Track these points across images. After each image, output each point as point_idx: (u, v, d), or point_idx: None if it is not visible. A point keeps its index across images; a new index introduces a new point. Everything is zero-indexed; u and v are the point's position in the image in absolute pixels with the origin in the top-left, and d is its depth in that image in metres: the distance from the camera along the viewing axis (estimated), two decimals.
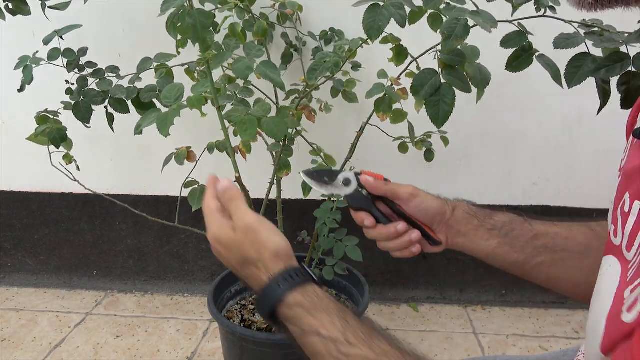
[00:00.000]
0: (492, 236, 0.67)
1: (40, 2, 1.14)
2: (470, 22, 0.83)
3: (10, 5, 1.14)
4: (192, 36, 0.85)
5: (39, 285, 1.95)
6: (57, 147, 1.17)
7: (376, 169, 1.84)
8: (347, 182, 0.68)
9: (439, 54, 0.88)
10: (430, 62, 0.97)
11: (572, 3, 0.41)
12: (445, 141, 1.35)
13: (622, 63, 0.79)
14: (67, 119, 1.16)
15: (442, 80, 0.85)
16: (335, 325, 0.51)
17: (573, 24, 0.89)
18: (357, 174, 0.68)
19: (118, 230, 1.89)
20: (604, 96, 0.87)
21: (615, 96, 0.88)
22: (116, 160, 1.79)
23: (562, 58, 0.89)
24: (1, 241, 1.95)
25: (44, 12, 1.14)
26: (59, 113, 1.18)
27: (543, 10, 0.90)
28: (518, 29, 0.89)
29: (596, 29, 0.87)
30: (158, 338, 1.65)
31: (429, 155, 1.34)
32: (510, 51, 0.90)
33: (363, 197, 0.67)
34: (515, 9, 0.90)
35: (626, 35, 0.84)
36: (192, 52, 1.31)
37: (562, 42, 0.84)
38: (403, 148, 1.36)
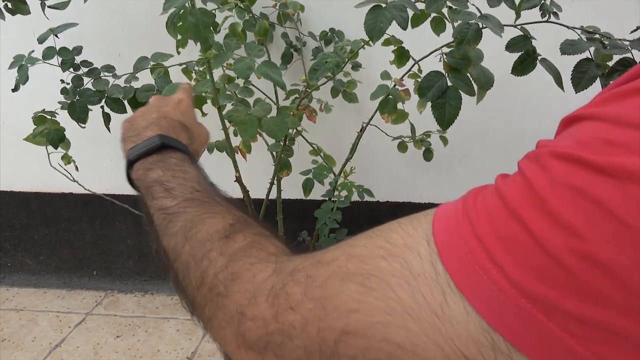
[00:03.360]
0: None
1: (40, 1, 1.14)
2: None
3: (9, 5, 1.14)
4: (194, 35, 0.85)
5: (39, 285, 1.95)
6: (55, 148, 1.17)
7: (376, 169, 1.85)
8: None
9: (444, 56, 0.88)
10: (431, 63, 0.97)
11: None
12: (444, 141, 1.35)
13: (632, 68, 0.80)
14: (67, 119, 1.15)
15: (449, 83, 0.85)
16: (203, 173, 0.55)
17: (575, 30, 0.90)
18: None
19: (118, 230, 1.89)
20: None
21: None
22: (116, 161, 1.78)
23: (560, 61, 0.89)
24: (1, 241, 1.95)
25: (43, 11, 1.14)
26: (57, 113, 1.18)
27: (547, 16, 0.91)
28: (522, 34, 0.90)
29: (597, 35, 0.88)
30: (158, 338, 1.65)
31: (427, 155, 1.34)
32: (508, 52, 0.91)
33: None
34: (517, 15, 0.90)
35: (627, 42, 0.85)
36: (190, 52, 1.31)
37: (568, 48, 0.85)
38: (402, 147, 1.36)
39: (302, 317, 0.32)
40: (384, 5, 0.78)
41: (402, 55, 1.04)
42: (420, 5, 0.86)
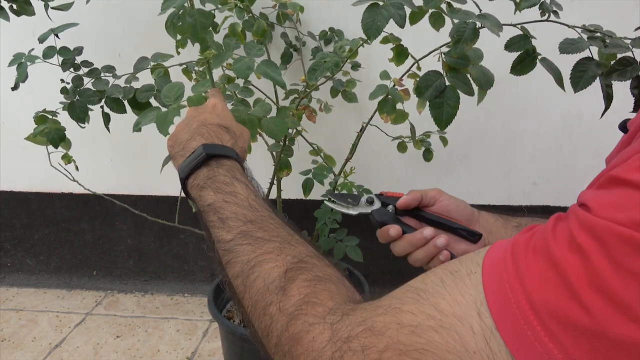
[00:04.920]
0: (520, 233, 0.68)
1: (43, 2, 1.14)
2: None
3: (14, 6, 1.14)
4: (192, 36, 0.85)
5: (39, 285, 1.95)
6: (56, 147, 1.17)
7: (376, 169, 1.85)
8: (370, 201, 0.69)
9: (443, 56, 0.88)
10: (431, 62, 0.97)
11: None
12: (444, 141, 1.35)
13: (632, 67, 0.80)
14: (67, 119, 1.16)
15: (447, 83, 0.85)
16: (253, 188, 0.58)
17: (576, 29, 0.90)
18: (378, 195, 0.71)
19: (118, 230, 1.89)
20: (608, 100, 0.88)
21: (617, 98, 0.88)
22: (116, 160, 1.79)
23: (560, 60, 0.89)
24: (1, 241, 1.95)
25: (46, 12, 1.14)
26: (58, 113, 1.18)
27: (547, 14, 0.90)
28: (522, 33, 0.90)
29: (598, 34, 0.87)
30: (158, 338, 1.65)
31: (427, 155, 1.34)
32: (508, 52, 0.91)
33: (389, 212, 0.69)
34: (517, 8, 0.90)
35: (629, 40, 0.85)
36: (190, 52, 1.31)
37: (567, 47, 0.85)
38: (402, 148, 1.36)
39: None
40: (381, 3, 0.78)
41: (400, 53, 1.04)
42: (418, 2, 0.86)
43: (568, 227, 0.29)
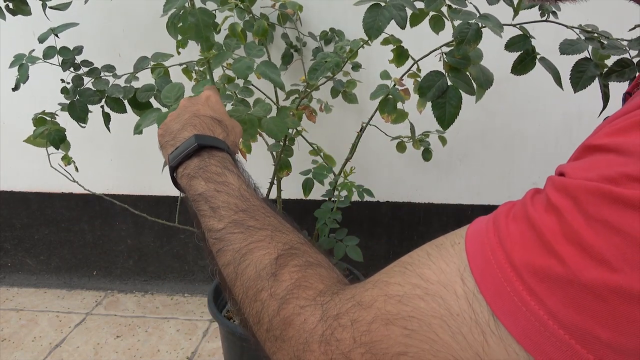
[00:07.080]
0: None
1: (40, 2, 1.14)
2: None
3: (10, 5, 1.14)
4: (195, 35, 0.85)
5: (39, 285, 1.95)
6: (57, 149, 1.17)
7: (376, 169, 1.85)
8: None
9: (444, 56, 0.88)
10: (431, 62, 0.97)
11: None
12: (443, 140, 1.35)
13: (629, 69, 0.81)
14: (67, 119, 1.16)
15: (449, 83, 0.85)
16: (244, 178, 0.58)
17: (574, 29, 0.91)
18: None
19: (118, 230, 1.89)
20: (606, 99, 0.88)
21: (615, 97, 0.89)
22: (116, 160, 1.79)
23: (559, 60, 0.89)
24: (1, 241, 1.95)
25: (44, 12, 1.14)
26: (57, 114, 1.18)
27: (546, 15, 0.91)
28: (521, 33, 0.90)
29: (595, 35, 0.88)
30: (158, 338, 1.65)
31: (426, 155, 1.34)
32: (509, 52, 0.91)
33: None
34: (516, 12, 0.90)
35: (626, 42, 0.86)
36: (190, 52, 1.31)
37: (567, 47, 0.86)
38: (401, 148, 1.36)
39: None
40: (383, 3, 0.78)
41: (401, 55, 1.04)
42: (419, 5, 0.86)
43: (545, 194, 0.31)
